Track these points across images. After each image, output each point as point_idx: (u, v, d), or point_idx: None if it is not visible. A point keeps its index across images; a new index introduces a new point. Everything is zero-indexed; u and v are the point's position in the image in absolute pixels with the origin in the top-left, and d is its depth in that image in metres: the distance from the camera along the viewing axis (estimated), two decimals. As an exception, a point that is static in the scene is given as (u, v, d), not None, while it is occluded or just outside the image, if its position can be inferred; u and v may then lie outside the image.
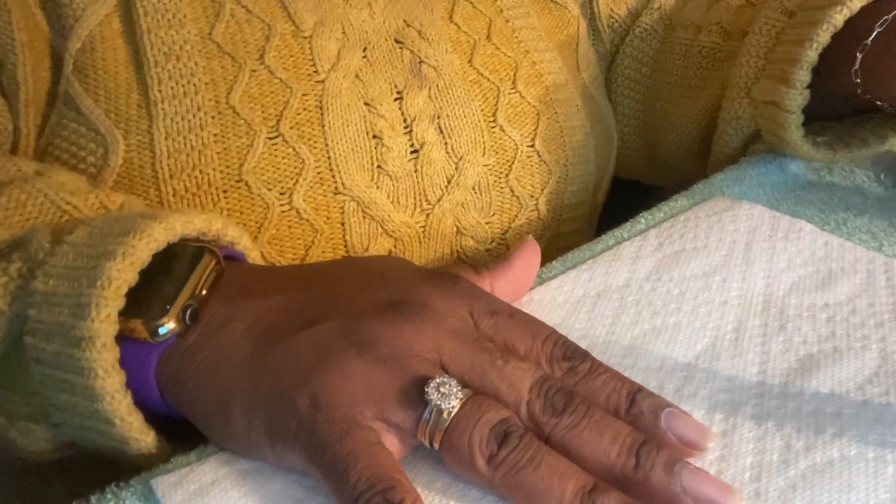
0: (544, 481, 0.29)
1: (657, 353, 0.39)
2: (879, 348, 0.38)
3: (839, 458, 0.32)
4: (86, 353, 0.33)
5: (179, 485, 0.33)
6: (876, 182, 0.55)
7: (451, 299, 0.35)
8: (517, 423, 0.31)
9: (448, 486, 0.32)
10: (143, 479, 0.34)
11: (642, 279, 0.44)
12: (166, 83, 0.45)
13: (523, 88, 0.55)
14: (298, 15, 0.49)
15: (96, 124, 0.44)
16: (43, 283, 0.35)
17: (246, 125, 0.46)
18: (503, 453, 0.30)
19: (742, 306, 0.42)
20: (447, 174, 0.51)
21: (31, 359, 0.35)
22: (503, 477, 0.30)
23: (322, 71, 0.48)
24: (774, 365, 0.38)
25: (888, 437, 0.33)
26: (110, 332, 0.33)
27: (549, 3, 0.61)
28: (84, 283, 0.34)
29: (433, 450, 0.32)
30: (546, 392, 0.32)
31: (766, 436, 0.34)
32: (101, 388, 0.33)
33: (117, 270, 0.33)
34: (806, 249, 0.46)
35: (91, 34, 0.44)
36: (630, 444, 0.31)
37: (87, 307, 0.33)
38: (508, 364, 0.32)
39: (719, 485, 0.30)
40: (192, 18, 0.46)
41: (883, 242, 0.47)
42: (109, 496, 0.33)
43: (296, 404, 0.32)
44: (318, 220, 0.47)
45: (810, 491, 0.31)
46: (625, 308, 0.42)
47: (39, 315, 0.35)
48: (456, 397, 0.31)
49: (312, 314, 0.35)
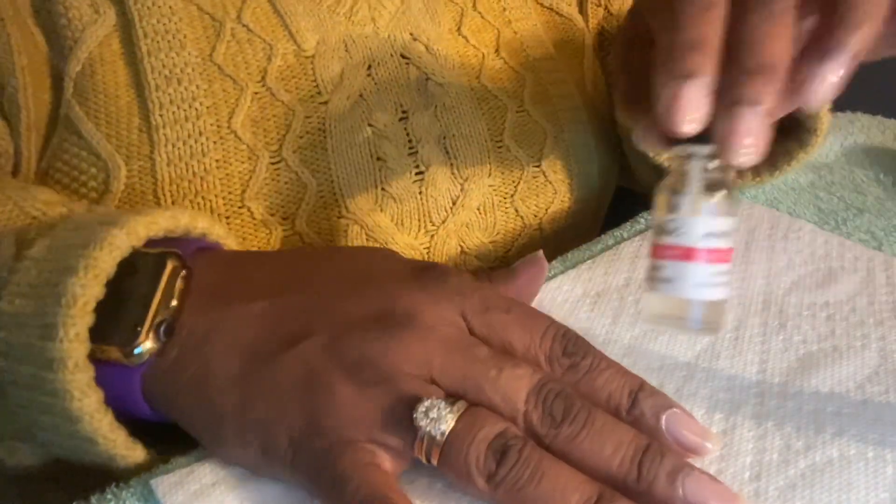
0: (547, 496, 0.29)
1: (657, 352, 0.39)
2: (879, 347, 0.38)
3: (839, 458, 0.32)
4: (58, 374, 0.32)
5: (180, 485, 0.33)
6: (876, 182, 0.55)
7: (441, 302, 0.34)
8: (515, 435, 0.30)
9: (446, 489, 0.32)
10: (143, 480, 0.34)
11: (643, 279, 0.44)
12: (167, 108, 0.44)
13: (531, 106, 0.54)
14: (300, 34, 0.47)
15: (97, 149, 0.43)
16: (8, 304, 0.33)
17: (248, 150, 0.45)
18: (502, 472, 0.29)
19: (742, 305, 0.42)
20: (452, 195, 0.50)
21: (7, 382, 0.34)
22: (505, 494, 0.29)
23: (325, 92, 0.47)
24: (774, 364, 0.38)
25: (888, 437, 0.33)
26: (82, 352, 0.32)
27: (555, 14, 0.60)
28: (49, 301, 0.32)
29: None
30: (543, 401, 0.31)
31: (765, 435, 0.34)
32: (79, 409, 0.32)
33: (81, 287, 0.32)
34: (805, 248, 0.46)
35: (91, 56, 0.43)
36: (633, 454, 0.30)
37: (55, 327, 0.32)
38: (502, 374, 0.31)
39: (722, 492, 0.29)
40: (193, 39, 0.45)
41: (882, 242, 0.47)
42: (109, 496, 0.33)
43: (288, 431, 0.32)
44: (321, 244, 0.46)
45: (810, 490, 0.31)
46: (625, 308, 0.42)
47: (9, 337, 0.33)
48: (445, 421, 0.30)
49: (296, 328, 0.33)
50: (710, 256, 0.33)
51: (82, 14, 0.43)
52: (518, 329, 0.34)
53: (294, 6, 0.48)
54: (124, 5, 0.44)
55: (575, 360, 0.33)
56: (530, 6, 0.58)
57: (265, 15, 0.47)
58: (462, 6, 0.54)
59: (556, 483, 0.29)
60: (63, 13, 0.43)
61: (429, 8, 0.53)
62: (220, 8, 0.46)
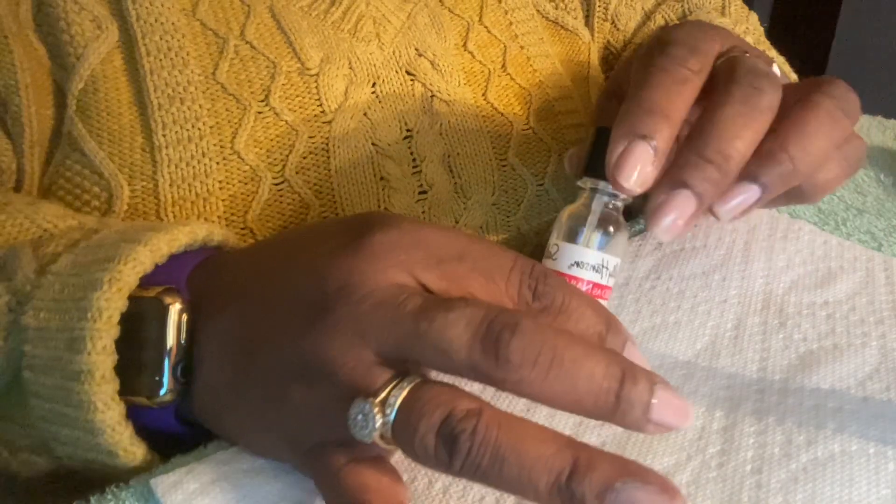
0: (513, 483, 0.26)
1: (657, 350, 0.39)
2: (880, 345, 0.38)
3: (840, 453, 0.32)
4: (84, 385, 0.32)
5: (179, 484, 0.33)
6: (876, 182, 0.55)
7: (375, 265, 0.30)
8: (462, 415, 0.26)
9: (447, 486, 0.32)
10: (143, 480, 0.34)
11: (642, 278, 0.44)
12: (171, 127, 0.43)
13: (536, 123, 0.53)
14: (304, 51, 0.47)
15: (100, 168, 0.43)
16: (34, 318, 0.34)
17: (251, 171, 0.44)
18: (457, 462, 0.26)
19: (741, 304, 0.42)
20: (455, 215, 0.49)
21: (31, 393, 0.34)
22: (471, 478, 0.27)
23: (329, 111, 0.47)
24: (775, 362, 0.38)
25: (889, 433, 0.33)
26: (108, 364, 0.32)
27: (561, 29, 0.60)
28: (75, 316, 0.32)
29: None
30: (490, 343, 0.27)
31: (767, 430, 0.34)
32: (101, 422, 0.32)
33: (106, 300, 0.32)
34: (805, 248, 0.46)
35: (93, 73, 0.43)
36: (608, 386, 0.27)
37: (82, 340, 0.32)
38: (433, 325, 0.27)
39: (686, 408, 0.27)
40: (196, 56, 0.45)
41: (882, 242, 0.47)
42: (109, 497, 0.33)
43: (274, 449, 0.32)
44: None
45: (812, 484, 0.31)
46: (624, 306, 0.42)
47: (34, 350, 0.33)
48: (377, 421, 0.27)
49: (255, 341, 0.32)
50: (585, 288, 0.34)
51: (84, 30, 0.43)
52: (478, 277, 0.30)
53: (298, 22, 0.47)
54: (127, 22, 0.44)
55: (545, 303, 0.30)
56: (537, 20, 0.58)
57: (269, 32, 0.47)
58: (468, 20, 0.54)
59: (522, 465, 0.26)
60: (65, 29, 0.43)
61: (434, 23, 0.52)
62: (224, 24, 0.46)
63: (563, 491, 0.25)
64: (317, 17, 0.48)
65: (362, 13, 0.50)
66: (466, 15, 0.54)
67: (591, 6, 0.61)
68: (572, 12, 0.59)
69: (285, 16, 0.47)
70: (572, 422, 0.35)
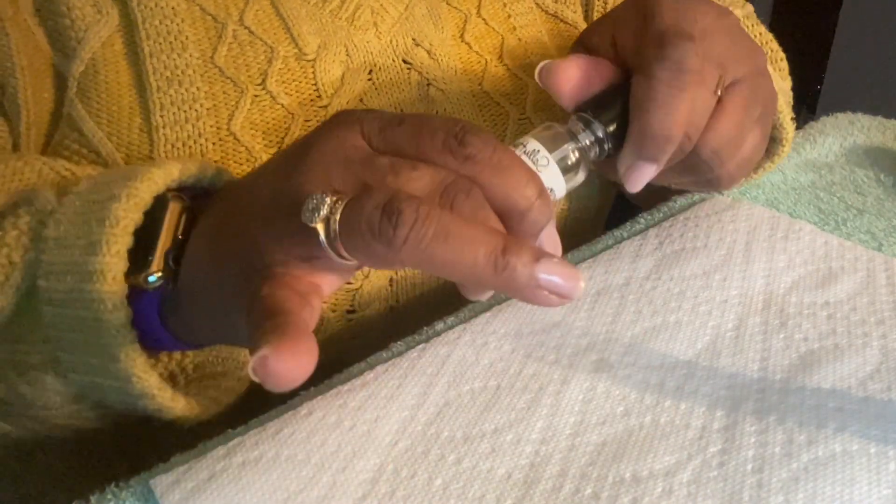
0: (455, 252, 0.28)
1: (658, 350, 0.39)
2: (881, 345, 0.38)
3: (841, 453, 0.32)
4: (96, 285, 0.34)
5: (177, 483, 0.33)
6: (876, 182, 0.55)
7: (338, 130, 0.32)
8: (406, 196, 0.28)
9: (448, 483, 0.32)
10: (142, 479, 0.34)
11: (642, 278, 0.44)
12: (168, 109, 0.44)
13: (533, 113, 0.53)
14: (302, 37, 0.47)
15: (98, 147, 0.44)
16: (54, 230, 0.36)
17: (247, 152, 0.45)
18: (402, 232, 0.28)
19: (742, 304, 0.42)
20: None
21: (44, 301, 0.36)
22: (410, 255, 0.28)
23: (325, 96, 0.47)
24: (775, 361, 0.38)
25: (890, 434, 0.33)
26: (120, 267, 0.35)
27: (560, 22, 0.60)
28: (94, 224, 0.35)
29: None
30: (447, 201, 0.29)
31: (768, 430, 0.34)
32: (109, 322, 0.34)
33: (123, 210, 0.35)
34: (806, 249, 0.46)
35: (94, 56, 0.44)
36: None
37: (99, 244, 0.34)
38: (399, 176, 0.30)
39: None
40: (195, 40, 0.46)
41: (882, 242, 0.47)
42: (109, 496, 0.33)
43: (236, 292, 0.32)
44: None
45: (813, 483, 0.31)
46: (625, 306, 0.42)
47: (52, 258, 0.36)
48: (327, 206, 0.29)
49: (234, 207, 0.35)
50: None
51: (85, 14, 0.44)
52: (410, 131, 0.32)
53: (296, 9, 0.48)
54: (127, 6, 0.44)
55: (471, 151, 0.31)
56: (535, 13, 0.58)
57: (267, 17, 0.47)
58: (466, 12, 0.54)
59: (464, 238, 0.28)
60: (66, 14, 0.44)
61: (432, 13, 0.53)
62: (223, 9, 0.46)
63: (499, 260, 0.28)
64: (315, 5, 0.49)
65: (360, 2, 0.50)
66: (464, 7, 0.54)
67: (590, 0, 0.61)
68: (571, 6, 0.59)
69: (284, 2, 0.48)
70: (573, 421, 0.35)
